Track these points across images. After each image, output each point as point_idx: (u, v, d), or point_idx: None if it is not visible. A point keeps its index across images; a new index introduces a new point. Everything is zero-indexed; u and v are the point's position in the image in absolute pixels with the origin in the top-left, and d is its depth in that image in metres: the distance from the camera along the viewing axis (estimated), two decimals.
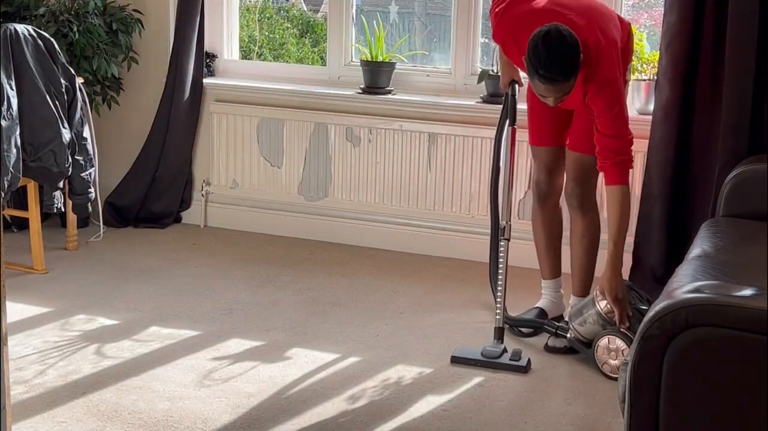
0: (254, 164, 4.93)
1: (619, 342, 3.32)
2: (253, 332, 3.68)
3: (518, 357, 3.43)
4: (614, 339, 3.34)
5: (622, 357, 3.30)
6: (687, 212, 4.07)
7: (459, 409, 3.11)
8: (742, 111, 3.82)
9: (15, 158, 4.04)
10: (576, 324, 3.48)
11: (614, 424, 3.02)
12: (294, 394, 3.18)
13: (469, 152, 4.52)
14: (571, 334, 3.50)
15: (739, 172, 3.52)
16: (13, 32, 4.11)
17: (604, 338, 3.36)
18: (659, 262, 4.09)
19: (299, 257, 4.62)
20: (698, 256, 2.93)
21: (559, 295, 3.86)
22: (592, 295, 3.48)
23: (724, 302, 1.94)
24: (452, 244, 4.61)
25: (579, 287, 3.71)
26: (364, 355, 3.50)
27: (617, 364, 3.33)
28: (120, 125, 5.13)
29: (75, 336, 3.60)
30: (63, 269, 4.33)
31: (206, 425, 2.95)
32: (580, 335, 3.47)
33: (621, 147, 3.37)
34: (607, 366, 3.36)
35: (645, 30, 4.42)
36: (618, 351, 3.33)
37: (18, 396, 3.07)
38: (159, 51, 4.99)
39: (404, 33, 5.05)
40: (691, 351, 1.94)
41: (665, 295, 2.07)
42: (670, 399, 1.97)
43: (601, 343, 3.37)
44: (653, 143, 4.04)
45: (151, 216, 5.03)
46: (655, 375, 1.97)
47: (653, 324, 1.96)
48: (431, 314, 3.93)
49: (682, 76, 3.95)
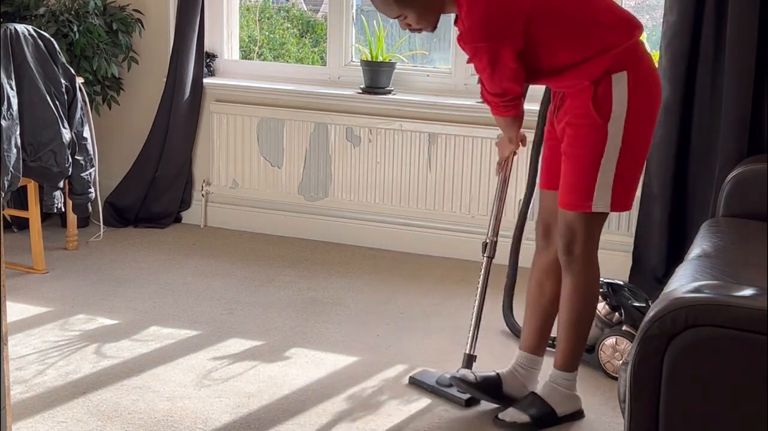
0: (254, 164, 4.93)
1: (626, 344, 3.30)
2: (253, 332, 3.68)
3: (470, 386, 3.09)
4: (622, 340, 3.31)
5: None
6: (687, 212, 4.07)
7: (459, 409, 3.11)
8: (742, 111, 3.82)
9: (15, 158, 4.04)
10: None
11: (614, 424, 3.02)
12: (294, 394, 3.18)
13: (469, 152, 4.52)
14: None
15: (739, 172, 3.51)
16: (14, 32, 4.11)
17: (612, 337, 3.34)
18: (659, 262, 4.09)
19: (299, 257, 4.62)
20: (698, 256, 2.93)
21: (530, 373, 3.15)
22: None
23: (724, 302, 1.94)
24: (452, 244, 4.61)
25: (559, 360, 3.04)
26: (364, 355, 3.50)
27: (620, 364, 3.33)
28: (120, 125, 5.13)
29: (75, 336, 3.60)
30: (63, 269, 4.33)
31: (206, 425, 2.95)
32: None
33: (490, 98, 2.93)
34: (609, 365, 3.36)
35: (645, 30, 4.41)
36: (624, 353, 3.31)
37: (18, 396, 3.07)
38: (159, 51, 4.99)
39: (404, 33, 5.05)
40: (691, 351, 1.94)
41: (665, 295, 2.06)
42: (670, 399, 1.97)
43: (607, 341, 3.36)
44: (653, 143, 4.03)
45: (151, 216, 5.03)
46: (655, 375, 1.97)
47: (653, 324, 1.96)
48: (431, 315, 3.93)
49: (682, 76, 3.95)
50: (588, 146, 2.83)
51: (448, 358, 3.46)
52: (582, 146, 2.84)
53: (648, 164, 4.08)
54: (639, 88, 2.80)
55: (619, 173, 2.83)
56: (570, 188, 2.88)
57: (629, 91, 2.79)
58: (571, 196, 2.88)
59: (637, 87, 2.80)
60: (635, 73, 2.80)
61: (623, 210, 2.94)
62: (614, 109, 2.79)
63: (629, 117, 2.79)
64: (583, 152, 2.84)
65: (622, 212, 4.26)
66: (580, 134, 2.84)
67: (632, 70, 2.80)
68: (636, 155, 2.86)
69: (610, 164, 2.81)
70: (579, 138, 2.84)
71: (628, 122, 2.80)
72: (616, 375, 3.29)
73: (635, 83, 2.79)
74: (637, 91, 2.80)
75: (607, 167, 2.82)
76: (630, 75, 2.79)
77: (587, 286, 2.96)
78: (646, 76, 2.84)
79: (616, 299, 3.39)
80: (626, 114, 2.79)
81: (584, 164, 2.84)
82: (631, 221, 4.27)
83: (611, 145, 2.80)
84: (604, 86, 2.79)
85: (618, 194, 2.86)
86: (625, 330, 3.32)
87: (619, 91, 2.79)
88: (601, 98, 2.80)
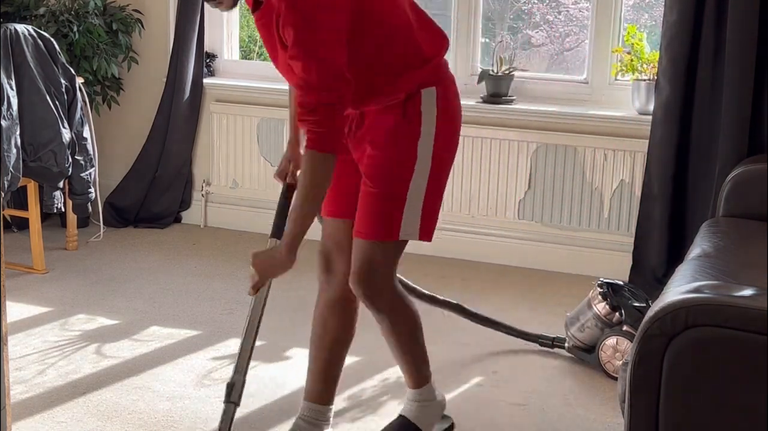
0: (254, 164, 4.93)
1: (627, 345, 3.29)
2: None
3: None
4: (623, 341, 3.30)
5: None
6: (687, 212, 4.07)
7: (458, 409, 3.11)
8: (742, 111, 3.83)
9: (15, 158, 4.04)
10: (574, 330, 3.45)
11: (614, 424, 3.02)
12: (294, 394, 3.18)
13: (469, 152, 4.52)
14: (569, 343, 3.48)
15: (739, 172, 3.51)
16: (13, 32, 4.12)
17: (613, 337, 3.33)
18: (659, 262, 4.09)
19: (299, 257, 4.59)
20: (698, 256, 2.93)
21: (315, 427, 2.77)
22: (587, 298, 3.44)
23: (724, 302, 1.94)
24: (452, 244, 4.61)
25: (409, 381, 2.84)
26: (364, 355, 3.49)
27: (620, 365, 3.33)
28: (120, 125, 5.13)
29: (75, 336, 3.60)
30: (63, 269, 4.33)
31: (206, 425, 2.95)
32: (579, 341, 3.45)
33: (308, 102, 2.37)
34: (610, 365, 3.35)
35: (645, 30, 4.42)
36: (624, 353, 3.31)
37: (18, 396, 3.07)
38: (159, 51, 4.99)
39: None
40: (691, 351, 1.94)
41: (665, 295, 2.07)
42: (670, 399, 1.97)
43: (608, 342, 3.34)
44: (653, 143, 4.04)
45: (151, 216, 5.03)
46: (655, 375, 1.97)
47: (653, 324, 1.96)
48: (431, 315, 3.92)
49: (682, 76, 3.95)
50: (396, 168, 2.53)
51: (449, 358, 3.46)
52: (389, 167, 2.53)
53: (648, 164, 4.08)
54: (447, 106, 2.57)
55: (428, 196, 2.56)
56: (374, 215, 2.55)
57: (438, 109, 2.54)
58: (376, 224, 2.55)
59: (446, 105, 2.57)
60: (444, 89, 2.57)
61: (427, 240, 2.63)
62: (424, 127, 2.52)
63: (438, 137, 2.54)
64: (390, 174, 2.53)
65: (621, 213, 4.31)
66: (387, 155, 2.53)
67: (441, 87, 2.56)
68: (442, 181, 2.60)
69: (420, 187, 2.54)
70: (386, 159, 2.53)
71: (437, 142, 2.54)
72: (617, 375, 3.29)
73: (444, 101, 2.56)
74: (446, 110, 2.56)
75: (416, 191, 2.54)
76: (439, 91, 2.55)
77: (399, 314, 2.69)
78: (452, 95, 2.61)
79: (616, 300, 3.38)
80: (435, 133, 2.53)
81: (392, 187, 2.53)
82: (631, 221, 4.27)
83: (421, 166, 2.52)
84: (414, 103, 2.52)
85: (426, 220, 2.59)
86: (626, 330, 3.31)
87: (428, 108, 2.53)
88: (410, 116, 2.53)
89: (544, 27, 4.97)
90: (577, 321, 3.44)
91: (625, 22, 4.43)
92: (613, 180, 4.32)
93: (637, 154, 4.25)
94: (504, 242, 4.52)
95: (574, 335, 3.45)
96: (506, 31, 4.93)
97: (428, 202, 2.57)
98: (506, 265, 4.48)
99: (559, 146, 4.36)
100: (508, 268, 4.45)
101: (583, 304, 3.44)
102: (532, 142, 4.40)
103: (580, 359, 3.45)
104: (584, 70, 4.53)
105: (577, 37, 4.92)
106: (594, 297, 3.39)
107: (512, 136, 4.43)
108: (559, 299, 4.08)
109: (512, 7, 4.92)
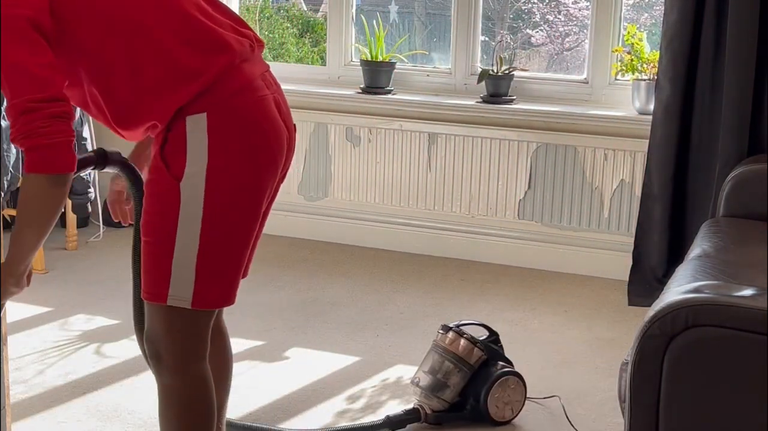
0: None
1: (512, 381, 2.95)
2: (253, 332, 3.68)
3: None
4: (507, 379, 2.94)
5: (518, 398, 3.01)
6: (687, 212, 4.07)
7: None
8: (742, 111, 3.82)
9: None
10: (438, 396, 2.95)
11: (614, 424, 3.02)
12: (294, 394, 3.18)
13: (469, 152, 4.52)
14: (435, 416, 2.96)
15: (739, 172, 3.51)
16: None
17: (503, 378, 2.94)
18: (659, 262, 4.08)
19: (299, 257, 4.61)
20: (698, 256, 2.93)
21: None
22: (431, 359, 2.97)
23: (724, 302, 1.94)
24: (452, 244, 4.61)
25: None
26: (364, 355, 3.50)
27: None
28: None
29: (74, 336, 3.60)
30: (63, 269, 4.33)
31: None
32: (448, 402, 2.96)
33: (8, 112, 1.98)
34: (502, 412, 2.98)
35: (645, 30, 4.42)
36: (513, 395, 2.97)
37: (17, 396, 3.07)
38: None
39: (404, 33, 5.05)
40: (691, 351, 1.94)
41: (665, 295, 2.07)
42: (670, 399, 1.97)
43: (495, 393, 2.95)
44: (653, 143, 4.04)
45: None
46: (655, 375, 1.97)
47: (653, 323, 1.96)
48: (431, 314, 3.92)
49: (682, 76, 3.95)
50: (160, 212, 2.07)
51: None
52: (154, 212, 2.09)
53: (648, 164, 4.08)
54: (227, 137, 2.05)
55: (203, 254, 2.06)
56: (144, 270, 2.12)
57: (211, 141, 2.04)
58: (146, 281, 2.11)
59: (226, 136, 2.05)
60: (222, 116, 2.05)
61: (218, 306, 2.16)
62: (189, 166, 2.03)
63: (211, 176, 2.03)
64: (155, 220, 2.08)
65: (622, 213, 4.31)
66: (152, 195, 2.09)
67: (216, 112, 2.05)
68: (230, 231, 2.09)
69: (189, 238, 2.05)
70: (151, 202, 2.09)
71: (211, 182, 2.03)
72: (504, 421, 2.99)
73: (221, 131, 2.05)
74: (225, 142, 2.05)
75: (184, 243, 2.05)
76: (212, 119, 2.04)
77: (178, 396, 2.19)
78: (241, 123, 2.08)
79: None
80: (206, 172, 2.03)
81: (158, 237, 2.08)
82: (631, 221, 4.27)
83: (188, 213, 2.04)
84: (176, 132, 2.05)
85: (204, 283, 2.07)
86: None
87: (195, 141, 2.04)
88: (171, 148, 2.06)
89: (544, 27, 4.97)
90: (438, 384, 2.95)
91: (625, 22, 4.43)
92: (613, 180, 4.32)
93: (637, 154, 4.25)
94: (504, 242, 4.52)
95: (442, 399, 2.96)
96: (506, 31, 4.94)
97: (204, 261, 2.06)
98: (506, 265, 4.48)
99: (559, 146, 4.36)
100: (508, 268, 4.45)
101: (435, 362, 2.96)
102: (532, 142, 4.40)
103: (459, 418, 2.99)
104: (584, 69, 4.53)
105: (577, 37, 4.92)
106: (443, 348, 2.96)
107: (512, 136, 4.43)
108: (559, 299, 4.09)
109: (512, 6, 4.93)
